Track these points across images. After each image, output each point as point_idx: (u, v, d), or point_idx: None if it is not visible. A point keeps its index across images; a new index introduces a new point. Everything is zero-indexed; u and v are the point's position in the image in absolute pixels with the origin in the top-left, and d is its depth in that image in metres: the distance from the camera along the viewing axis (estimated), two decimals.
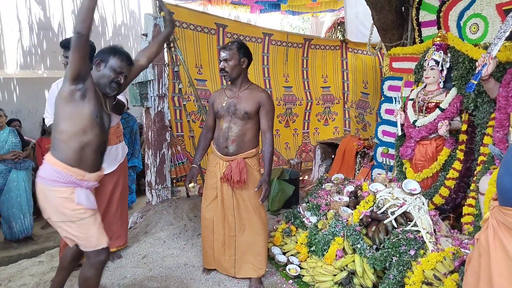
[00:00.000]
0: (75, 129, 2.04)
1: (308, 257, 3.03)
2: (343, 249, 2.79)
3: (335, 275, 2.72)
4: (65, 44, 2.78)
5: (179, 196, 4.67)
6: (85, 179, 2.12)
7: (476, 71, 2.73)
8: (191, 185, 2.67)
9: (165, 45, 4.28)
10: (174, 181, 4.56)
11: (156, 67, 4.16)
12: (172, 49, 4.43)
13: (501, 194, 1.17)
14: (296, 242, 3.20)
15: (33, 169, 4.50)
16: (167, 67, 4.38)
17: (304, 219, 3.32)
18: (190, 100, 4.86)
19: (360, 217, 2.86)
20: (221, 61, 2.73)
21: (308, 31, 11.43)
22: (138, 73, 2.60)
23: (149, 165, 4.34)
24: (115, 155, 3.17)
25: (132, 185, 5.26)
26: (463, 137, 3.22)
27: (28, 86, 6.45)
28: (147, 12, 4.32)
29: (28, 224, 4.41)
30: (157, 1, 4.21)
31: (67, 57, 2.74)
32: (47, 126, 2.97)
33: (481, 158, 2.93)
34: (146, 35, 4.16)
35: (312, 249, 2.99)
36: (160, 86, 4.22)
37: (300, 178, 5.14)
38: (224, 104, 2.76)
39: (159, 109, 4.25)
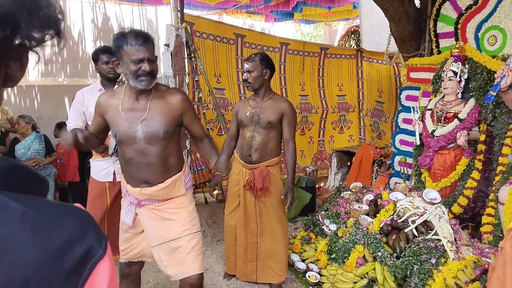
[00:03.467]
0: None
1: (328, 264, 3.08)
2: (364, 257, 2.84)
3: (355, 283, 2.77)
4: (106, 50, 2.84)
5: (197, 202, 4.75)
6: (128, 191, 2.11)
7: (495, 83, 2.77)
8: (215, 192, 2.76)
9: (186, 54, 4.40)
10: (193, 187, 4.65)
11: (177, 76, 4.27)
12: (193, 59, 4.54)
13: None
14: (316, 250, 3.26)
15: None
16: (187, 76, 4.49)
17: (323, 227, 3.38)
18: (209, 108, 4.96)
19: (381, 226, 2.91)
20: (244, 72, 2.82)
21: (320, 39, 11.51)
22: None
23: None
24: None
25: None
26: (481, 147, 3.26)
27: (49, 93, 6.64)
28: (166, 22, 4.44)
29: None
30: (178, 13, 4.34)
31: (108, 63, 2.83)
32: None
33: (499, 168, 2.96)
34: (168, 45, 4.28)
35: (332, 256, 3.04)
36: None
37: (316, 186, 5.19)
38: (247, 114, 2.84)
39: None
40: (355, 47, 7.87)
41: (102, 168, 2.96)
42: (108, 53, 2.81)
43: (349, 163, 5.52)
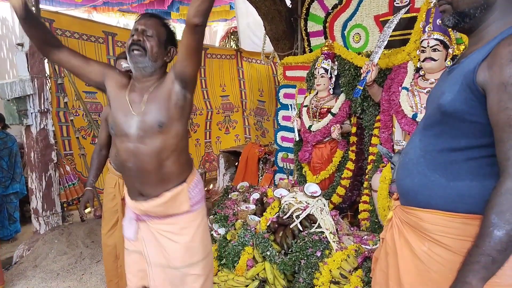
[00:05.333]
0: None
1: (219, 270, 2.95)
2: (253, 258, 2.77)
3: (247, 286, 2.69)
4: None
5: (72, 221, 4.23)
6: (127, 203, 1.79)
7: (361, 78, 2.97)
8: (87, 210, 2.39)
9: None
10: (65, 205, 4.12)
11: (35, 80, 3.72)
12: None
13: (403, 195, 1.24)
14: None
15: None
16: (49, 80, 3.95)
17: (212, 232, 3.24)
18: (79, 114, 4.45)
19: (268, 224, 2.88)
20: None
21: None
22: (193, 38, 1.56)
23: (33, 190, 3.85)
24: None
25: (15, 213, 4.61)
26: (353, 139, 3.47)
27: None
28: None
29: None
30: (33, 8, 3.78)
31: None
32: None
33: (370, 157, 3.18)
34: (22, 44, 3.70)
35: (222, 262, 2.92)
36: (42, 101, 3.79)
37: (205, 188, 5.04)
38: None
39: (42, 126, 3.81)
40: (234, 47, 7.94)
41: None
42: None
43: (236, 163, 5.49)
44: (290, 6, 4.25)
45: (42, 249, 3.63)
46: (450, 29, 2.10)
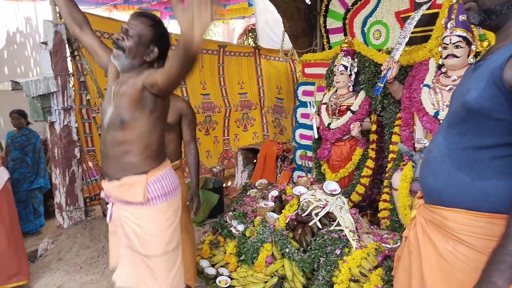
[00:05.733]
0: None
1: (238, 266, 2.98)
2: (272, 254, 2.79)
3: (266, 282, 2.71)
4: None
5: (94, 216, 4.32)
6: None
7: (382, 75, 2.94)
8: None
9: (68, 53, 3.95)
10: (88, 200, 4.21)
11: (59, 77, 3.81)
12: (77, 57, 4.10)
13: (426, 193, 1.23)
14: (225, 253, 3.14)
15: None
16: (71, 78, 4.04)
17: (231, 228, 3.27)
18: (99, 112, 4.54)
19: (286, 221, 2.89)
20: None
21: (220, 37, 11.46)
22: None
23: (57, 185, 3.95)
24: None
25: (39, 208, 4.75)
26: (373, 136, 3.44)
27: None
28: (45, 18, 3.94)
29: None
30: (56, 7, 3.87)
31: None
32: None
33: (391, 155, 3.15)
34: (46, 43, 3.80)
35: (241, 258, 2.95)
36: (65, 98, 3.88)
37: (224, 185, 5.09)
38: None
39: (65, 123, 3.90)
40: (253, 45, 7.94)
41: None
42: None
43: (254, 160, 5.52)
44: (309, 3, 4.23)
45: (65, 243, 3.73)
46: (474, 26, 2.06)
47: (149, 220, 1.76)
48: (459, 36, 2.53)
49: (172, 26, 9.17)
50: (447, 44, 2.57)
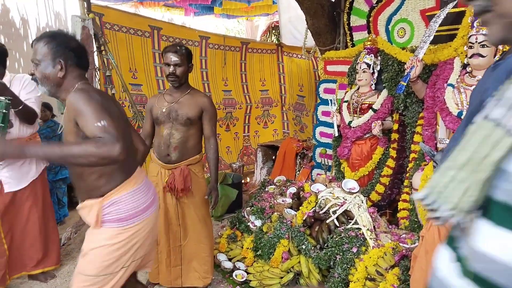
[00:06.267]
0: None
1: (254, 261, 3.01)
2: (289, 250, 2.81)
3: (282, 278, 2.73)
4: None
5: None
6: None
7: (405, 73, 2.90)
8: None
9: (95, 48, 4.05)
10: None
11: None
12: (103, 52, 4.20)
13: None
14: (242, 247, 3.17)
15: None
16: (98, 72, 4.14)
17: (249, 223, 3.30)
18: (125, 106, 4.64)
19: (304, 218, 2.90)
20: (169, 65, 2.60)
21: (243, 34, 11.49)
22: None
23: None
24: (27, 171, 2.91)
25: (63, 198, 4.90)
26: (395, 136, 3.40)
27: None
28: (74, 13, 4.05)
29: None
30: (84, 2, 3.98)
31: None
32: None
33: (412, 155, 3.11)
34: None
35: (258, 253, 2.98)
36: None
37: (243, 181, 5.12)
38: (164, 110, 2.65)
39: None
40: (276, 42, 7.94)
41: None
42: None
43: (274, 157, 5.53)
44: (333, 0, 4.21)
45: None
46: None
47: (97, 242, 1.74)
48: (485, 35, 2.47)
49: (198, 23, 9.27)
50: (473, 43, 2.51)
